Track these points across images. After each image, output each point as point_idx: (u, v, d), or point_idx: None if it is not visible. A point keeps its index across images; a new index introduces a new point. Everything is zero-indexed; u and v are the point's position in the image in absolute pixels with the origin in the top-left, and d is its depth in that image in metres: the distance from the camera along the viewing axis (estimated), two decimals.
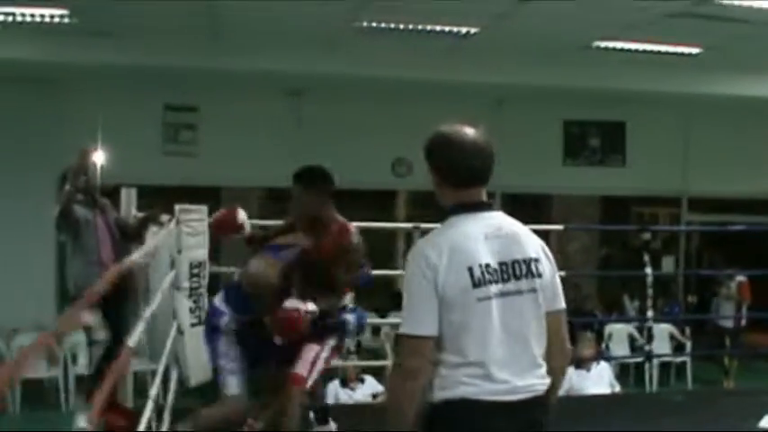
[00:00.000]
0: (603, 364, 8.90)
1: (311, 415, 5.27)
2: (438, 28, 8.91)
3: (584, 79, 10.81)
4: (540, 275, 2.87)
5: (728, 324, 11.77)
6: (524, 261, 2.86)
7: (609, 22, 8.61)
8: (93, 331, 6.41)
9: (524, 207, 12.96)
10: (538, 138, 12.02)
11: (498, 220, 2.93)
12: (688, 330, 12.11)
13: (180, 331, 5.71)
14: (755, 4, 7.73)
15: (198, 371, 5.90)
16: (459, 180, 2.89)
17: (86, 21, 8.83)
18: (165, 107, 11.24)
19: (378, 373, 9.34)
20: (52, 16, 8.67)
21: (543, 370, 2.85)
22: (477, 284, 2.74)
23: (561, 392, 5.21)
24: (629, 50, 9.80)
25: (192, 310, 5.85)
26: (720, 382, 11.44)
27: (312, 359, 4.74)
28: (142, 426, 3.87)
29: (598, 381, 8.47)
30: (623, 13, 8.19)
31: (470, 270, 2.74)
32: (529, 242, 2.93)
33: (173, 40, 9.44)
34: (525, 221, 5.07)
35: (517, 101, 11.84)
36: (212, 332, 4.74)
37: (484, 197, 2.94)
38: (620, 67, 10.60)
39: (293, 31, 9.11)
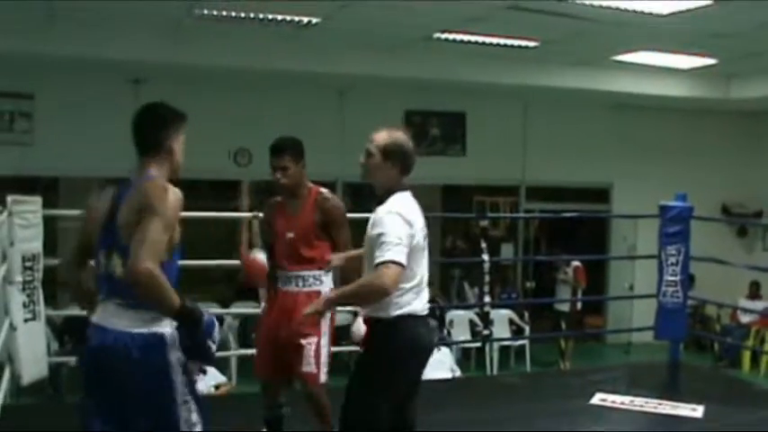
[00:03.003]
0: (444, 350, 9.10)
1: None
2: (279, 17, 8.86)
3: (426, 70, 10.94)
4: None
5: (564, 308, 12.18)
6: (425, 225, 4.01)
7: (450, 15, 8.74)
8: None
9: (364, 196, 13.04)
10: (379, 127, 12.07)
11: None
12: (527, 315, 12.48)
13: (13, 327, 5.52)
14: (587, 1, 7.97)
15: (32, 368, 5.73)
16: (406, 170, 4.08)
17: None
18: None
19: (220, 365, 9.26)
20: None
21: None
22: (423, 240, 3.94)
23: None
24: (469, 42, 9.96)
25: (25, 305, 5.65)
26: (557, 364, 11.85)
27: (314, 352, 4.87)
28: None
29: (439, 366, 8.64)
30: (464, 6, 8.32)
31: (423, 230, 3.95)
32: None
33: (5, 24, 9.07)
34: (365, 210, 5.14)
35: (359, 91, 11.92)
36: None
37: None
38: (461, 59, 10.79)
39: (133, 17, 8.90)
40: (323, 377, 4.89)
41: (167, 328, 3.31)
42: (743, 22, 8.76)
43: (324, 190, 5.05)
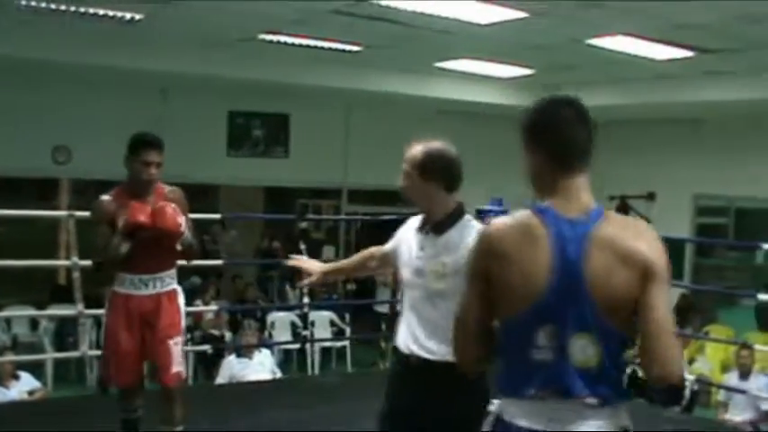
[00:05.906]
0: (265, 352, 9.12)
1: None
2: (101, 12, 8.65)
3: (250, 71, 10.92)
4: None
5: (384, 309, 12.37)
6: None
7: (274, 16, 8.73)
8: None
9: (190, 196, 12.89)
10: (202, 127, 12.00)
11: None
12: (348, 316, 12.61)
13: None
14: (410, 8, 8.10)
15: None
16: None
17: None
18: None
19: (35, 369, 8.99)
20: None
21: None
22: None
23: (223, 380, 5.34)
24: (293, 44, 10.00)
25: None
26: (377, 364, 12.03)
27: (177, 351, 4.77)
28: None
29: (259, 368, 8.68)
30: (288, 8, 8.34)
31: None
32: None
33: None
34: (191, 211, 5.09)
35: (181, 90, 11.76)
36: None
37: None
38: (286, 60, 10.81)
39: None
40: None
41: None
42: (557, 36, 9.13)
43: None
